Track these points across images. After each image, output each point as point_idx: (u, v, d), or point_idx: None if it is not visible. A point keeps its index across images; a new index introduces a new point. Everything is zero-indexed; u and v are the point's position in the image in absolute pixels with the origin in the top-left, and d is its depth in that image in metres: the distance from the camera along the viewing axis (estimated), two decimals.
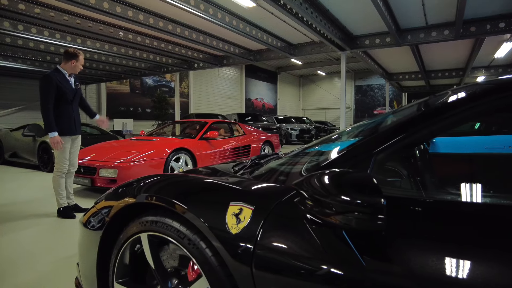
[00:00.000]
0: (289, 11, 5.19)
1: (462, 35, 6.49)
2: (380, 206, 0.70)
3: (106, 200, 1.42)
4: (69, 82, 3.35)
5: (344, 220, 0.75)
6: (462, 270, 0.68)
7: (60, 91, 3.23)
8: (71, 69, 3.37)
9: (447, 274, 0.68)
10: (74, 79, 3.45)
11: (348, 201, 0.73)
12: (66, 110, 3.33)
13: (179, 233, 1.08)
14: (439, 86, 16.70)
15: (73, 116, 3.39)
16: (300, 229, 0.87)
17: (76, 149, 3.56)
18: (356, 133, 1.72)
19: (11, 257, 2.39)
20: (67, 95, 3.30)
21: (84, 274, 1.49)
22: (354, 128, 1.73)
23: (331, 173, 0.83)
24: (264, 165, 1.55)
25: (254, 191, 1.11)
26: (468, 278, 0.67)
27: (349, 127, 1.83)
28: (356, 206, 0.73)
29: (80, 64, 3.43)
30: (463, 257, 0.70)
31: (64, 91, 3.27)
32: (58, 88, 3.21)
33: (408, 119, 0.99)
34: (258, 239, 0.91)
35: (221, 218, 0.99)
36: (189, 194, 1.17)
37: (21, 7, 5.06)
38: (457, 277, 0.68)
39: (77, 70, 3.43)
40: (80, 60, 3.43)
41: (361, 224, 0.73)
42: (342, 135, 1.80)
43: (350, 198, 0.73)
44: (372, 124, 1.76)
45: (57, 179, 3.40)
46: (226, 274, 0.97)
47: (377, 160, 0.95)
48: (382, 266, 0.76)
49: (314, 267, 0.82)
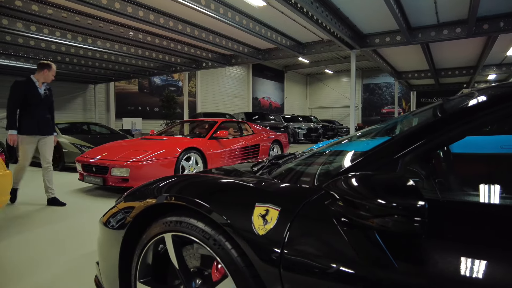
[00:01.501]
0: (300, 10, 5.17)
1: (475, 33, 6.39)
2: (423, 209, 0.70)
3: (129, 200, 1.43)
4: (38, 89, 3.80)
5: (383, 223, 0.74)
6: (482, 271, 0.69)
7: (26, 97, 3.69)
8: (43, 78, 3.83)
9: (477, 276, 0.68)
10: (46, 88, 3.91)
11: (390, 204, 0.73)
12: (31, 114, 3.75)
13: (204, 233, 1.09)
14: (448, 84, 16.48)
15: (37, 119, 3.79)
16: (330, 230, 0.86)
17: (47, 147, 3.91)
18: (374, 134, 1.71)
19: (29, 255, 2.43)
20: (33, 101, 3.75)
21: (104, 273, 1.51)
22: (373, 129, 1.72)
23: (370, 176, 0.82)
24: (283, 165, 1.55)
25: (279, 192, 1.11)
26: (490, 279, 0.67)
27: (367, 128, 1.82)
28: (398, 210, 0.72)
29: (51, 74, 3.87)
30: (491, 260, 0.70)
31: (30, 97, 3.73)
32: (24, 94, 3.69)
33: (439, 120, 0.98)
34: (286, 241, 0.91)
35: (247, 219, 1.00)
36: (214, 194, 1.17)
37: (35, 8, 5.13)
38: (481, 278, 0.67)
39: (49, 79, 3.88)
40: (52, 70, 3.88)
41: (402, 228, 0.73)
42: (360, 136, 1.79)
43: (392, 202, 0.73)
44: (391, 125, 1.74)
45: (16, 171, 3.80)
46: (252, 274, 0.98)
47: (404, 162, 0.94)
48: (414, 268, 0.76)
49: (345, 268, 0.81)
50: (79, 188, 4.89)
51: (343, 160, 1.19)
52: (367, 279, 0.79)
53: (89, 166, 4.55)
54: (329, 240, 0.87)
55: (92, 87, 12.99)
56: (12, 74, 10.32)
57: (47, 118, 3.91)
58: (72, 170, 6.53)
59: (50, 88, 4.00)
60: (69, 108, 12.45)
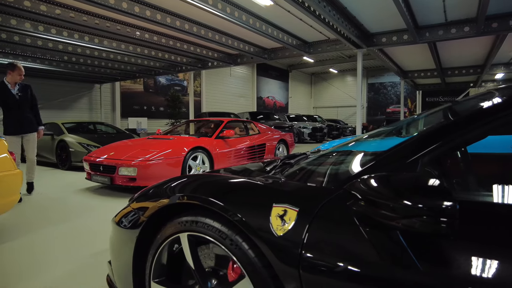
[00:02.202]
0: (307, 9, 5.15)
1: (484, 32, 6.33)
2: (453, 210, 0.69)
3: (143, 200, 1.43)
4: (11, 91, 4.00)
5: (410, 224, 0.73)
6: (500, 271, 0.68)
7: (2, 100, 3.97)
8: (11, 79, 4.00)
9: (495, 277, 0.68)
10: (20, 88, 4.07)
11: (419, 205, 0.72)
12: (11, 115, 4.01)
13: (220, 233, 1.08)
14: (454, 83, 16.34)
15: (16, 119, 4.03)
16: (352, 231, 0.85)
17: (29, 144, 4.21)
18: (387, 135, 1.70)
19: (37, 255, 2.44)
20: (8, 102, 3.99)
21: (117, 272, 1.50)
22: (384, 130, 1.71)
23: (396, 176, 0.81)
24: (295, 165, 1.54)
25: (296, 192, 1.10)
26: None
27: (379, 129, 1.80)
28: (426, 211, 0.71)
29: (17, 74, 4.00)
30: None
31: (5, 99, 3.98)
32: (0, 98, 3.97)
33: (463, 119, 0.96)
34: (305, 241, 0.90)
35: (265, 219, 0.99)
36: (230, 194, 1.17)
37: (43, 8, 5.16)
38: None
39: (16, 79, 4.02)
40: (17, 70, 4.00)
41: (431, 229, 0.72)
42: (372, 137, 1.77)
43: (420, 203, 0.72)
44: (403, 126, 1.73)
45: None
46: (270, 275, 0.97)
47: (424, 161, 0.93)
48: (437, 269, 0.75)
49: (367, 269, 0.80)
50: (86, 188, 4.92)
51: (361, 160, 1.18)
52: (390, 280, 0.78)
53: (97, 166, 4.57)
54: (350, 240, 0.85)
55: (98, 86, 13.07)
56: None
57: (26, 116, 4.11)
58: (79, 169, 6.57)
59: (27, 86, 4.14)
60: (75, 107, 12.54)
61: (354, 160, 1.24)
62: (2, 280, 2.02)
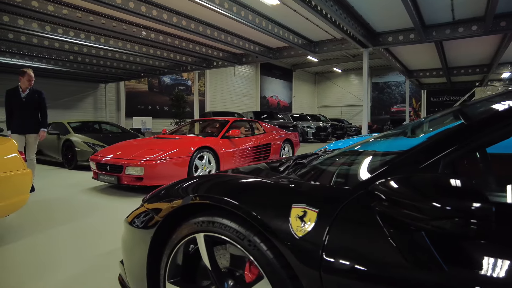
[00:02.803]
0: (314, 8, 5.13)
1: (492, 31, 6.26)
2: (489, 213, 0.68)
3: (158, 200, 1.42)
4: (20, 95, 4.45)
5: (441, 225, 0.72)
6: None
7: (11, 102, 4.46)
8: (23, 84, 4.46)
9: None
10: (29, 93, 4.49)
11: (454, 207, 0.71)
12: (16, 115, 4.45)
13: (238, 234, 1.07)
14: (460, 83, 16.22)
15: (22, 119, 4.46)
16: (376, 232, 0.84)
17: (29, 144, 4.57)
18: (403, 132, 1.68)
19: (46, 255, 2.44)
20: (15, 104, 4.45)
21: (130, 272, 1.50)
22: (403, 127, 1.69)
23: (425, 177, 0.80)
24: (309, 165, 1.53)
25: (315, 192, 1.09)
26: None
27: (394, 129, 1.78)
28: (461, 213, 0.70)
29: (26, 79, 4.44)
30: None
31: (13, 102, 4.45)
32: (10, 100, 4.46)
33: (486, 119, 0.95)
34: (326, 242, 0.89)
35: (284, 220, 0.98)
36: (248, 194, 1.16)
37: (50, 9, 5.18)
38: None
39: (25, 84, 4.46)
40: (26, 76, 4.43)
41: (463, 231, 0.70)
42: (387, 136, 1.75)
43: (455, 205, 0.70)
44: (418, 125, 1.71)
45: None
46: (289, 276, 0.96)
47: (447, 161, 0.91)
48: (465, 272, 0.73)
49: (392, 271, 0.79)
50: (93, 187, 4.94)
51: (380, 160, 1.16)
52: (415, 282, 0.77)
53: (104, 165, 4.58)
54: (374, 242, 0.84)
55: (103, 86, 13.13)
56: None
57: (29, 118, 4.53)
58: (84, 168, 6.60)
59: (36, 92, 4.59)
60: (80, 107, 12.61)
61: (372, 161, 1.23)
62: (12, 280, 2.03)
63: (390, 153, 1.30)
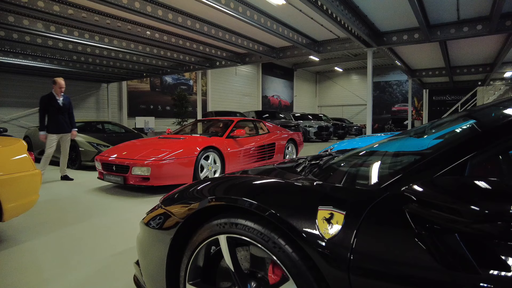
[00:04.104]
0: (320, 7, 5.12)
1: (497, 30, 6.25)
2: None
3: (178, 201, 1.42)
4: (57, 100, 5.21)
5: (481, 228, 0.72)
6: None
7: (48, 105, 5.15)
8: (56, 91, 5.22)
9: None
10: (63, 98, 5.30)
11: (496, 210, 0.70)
12: (53, 117, 5.20)
13: (263, 236, 1.07)
14: (462, 82, 16.20)
15: (58, 121, 5.22)
16: (405, 234, 0.84)
17: (64, 142, 5.44)
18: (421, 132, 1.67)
19: (54, 257, 2.43)
20: (53, 108, 5.17)
21: (148, 273, 1.50)
22: (421, 127, 1.68)
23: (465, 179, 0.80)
24: (325, 166, 1.53)
25: (340, 194, 1.08)
26: None
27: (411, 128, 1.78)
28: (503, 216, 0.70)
29: (58, 87, 5.21)
30: None
31: (51, 105, 5.16)
32: (47, 104, 5.15)
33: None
34: (355, 244, 0.89)
35: (311, 222, 0.98)
36: (273, 196, 1.15)
37: (56, 9, 5.18)
38: None
39: (58, 91, 5.22)
40: (57, 84, 5.20)
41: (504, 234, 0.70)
42: (401, 136, 1.75)
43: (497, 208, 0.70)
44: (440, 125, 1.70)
45: (43, 160, 5.22)
46: (316, 278, 0.96)
47: (475, 162, 0.91)
48: (500, 276, 0.73)
49: (425, 273, 0.79)
50: (98, 187, 4.94)
51: (403, 161, 1.16)
52: (448, 285, 0.76)
53: (110, 165, 4.58)
54: (405, 243, 0.84)
55: (105, 86, 13.13)
56: (30, 74, 10.51)
57: (64, 120, 5.29)
58: (88, 168, 6.60)
59: (67, 97, 5.40)
60: (82, 106, 12.61)
61: (394, 162, 1.22)
62: (24, 281, 2.03)
63: (410, 153, 1.30)
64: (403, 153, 1.32)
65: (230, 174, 1.61)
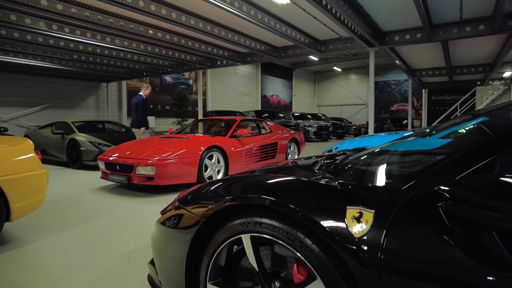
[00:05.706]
0: (325, 7, 5.12)
1: (499, 30, 6.27)
2: None
3: (199, 200, 1.40)
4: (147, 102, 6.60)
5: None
6: None
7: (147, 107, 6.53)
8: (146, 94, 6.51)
9: None
10: None
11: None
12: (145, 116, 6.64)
13: (288, 235, 1.06)
14: (462, 82, 16.27)
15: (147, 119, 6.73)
16: (438, 231, 0.83)
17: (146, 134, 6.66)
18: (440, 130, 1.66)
19: (73, 254, 2.42)
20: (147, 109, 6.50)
21: (164, 272, 1.49)
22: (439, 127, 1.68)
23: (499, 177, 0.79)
24: (343, 165, 1.52)
25: (367, 193, 1.08)
26: None
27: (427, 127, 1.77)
28: None
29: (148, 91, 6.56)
30: None
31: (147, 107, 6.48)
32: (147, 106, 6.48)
33: None
34: (385, 242, 0.88)
35: (341, 222, 0.97)
36: (299, 196, 1.15)
37: (59, 7, 5.13)
38: None
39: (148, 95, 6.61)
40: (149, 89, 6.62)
41: None
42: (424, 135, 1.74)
43: None
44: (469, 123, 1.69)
45: None
46: (344, 277, 0.95)
47: (502, 161, 0.91)
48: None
49: (458, 271, 0.78)
50: (101, 187, 4.91)
51: (427, 159, 1.15)
52: (484, 283, 0.76)
53: (113, 165, 4.56)
54: (440, 242, 0.83)
55: (105, 85, 13.07)
56: (29, 73, 10.44)
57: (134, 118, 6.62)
58: (90, 168, 6.57)
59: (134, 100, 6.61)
60: (82, 106, 12.55)
61: (417, 160, 1.22)
62: (34, 282, 2.01)
63: (434, 153, 1.29)
64: (426, 152, 1.32)
65: (250, 173, 1.60)
